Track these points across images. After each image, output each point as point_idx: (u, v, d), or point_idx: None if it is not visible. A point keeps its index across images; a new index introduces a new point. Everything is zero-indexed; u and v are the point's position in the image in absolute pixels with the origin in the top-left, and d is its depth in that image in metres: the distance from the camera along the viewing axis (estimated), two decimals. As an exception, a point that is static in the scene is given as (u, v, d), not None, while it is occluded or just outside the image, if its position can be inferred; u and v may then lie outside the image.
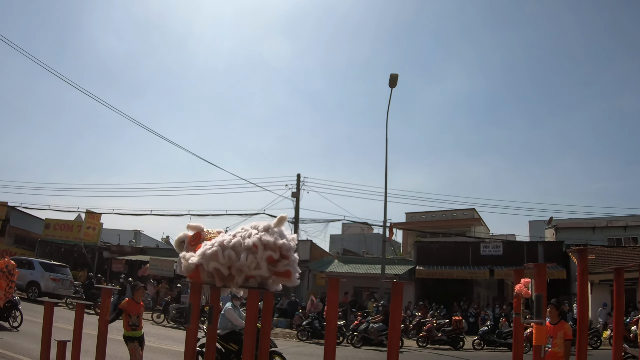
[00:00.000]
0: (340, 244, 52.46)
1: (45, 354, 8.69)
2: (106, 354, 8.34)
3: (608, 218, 39.21)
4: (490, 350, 21.18)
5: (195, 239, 7.36)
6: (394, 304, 6.47)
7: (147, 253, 43.04)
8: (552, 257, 31.56)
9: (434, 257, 35.31)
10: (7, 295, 14.51)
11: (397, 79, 26.79)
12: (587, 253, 7.84)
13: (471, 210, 47.85)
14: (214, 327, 7.25)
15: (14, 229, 44.12)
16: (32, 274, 27.65)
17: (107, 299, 8.63)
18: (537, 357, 6.51)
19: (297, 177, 34.65)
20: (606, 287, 26.21)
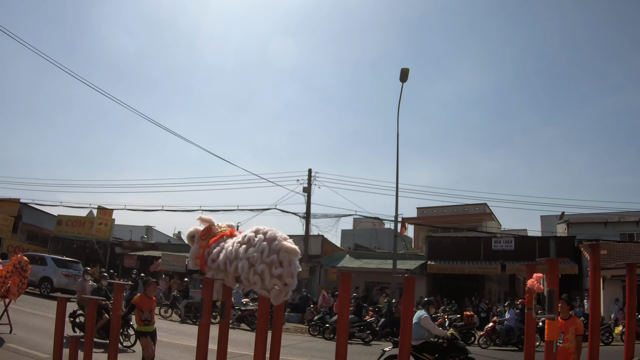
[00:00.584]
0: (352, 239, 52.44)
1: (58, 350, 8.72)
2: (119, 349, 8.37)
3: (620, 213, 38.96)
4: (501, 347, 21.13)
5: (206, 233, 7.35)
6: (405, 299, 6.45)
7: (159, 249, 43.15)
8: (564, 253, 31.44)
9: (446, 252, 35.25)
10: (20, 292, 14.57)
11: (408, 74, 26.73)
12: (600, 248, 7.80)
13: (483, 205, 47.70)
14: (226, 323, 7.25)
15: (26, 225, 44.38)
16: (45, 269, 27.80)
17: (119, 294, 8.66)
18: (548, 352, 6.50)
19: (308, 172, 34.68)
20: (618, 283, 26.10)
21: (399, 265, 29.90)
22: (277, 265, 6.25)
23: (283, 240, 6.51)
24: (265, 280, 6.20)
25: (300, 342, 19.03)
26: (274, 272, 6.22)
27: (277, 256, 6.29)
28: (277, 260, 6.28)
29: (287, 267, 6.30)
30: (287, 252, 6.39)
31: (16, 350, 12.10)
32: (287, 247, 6.40)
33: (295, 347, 17.32)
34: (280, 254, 6.33)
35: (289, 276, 6.32)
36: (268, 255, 6.29)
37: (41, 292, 27.17)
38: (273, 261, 6.27)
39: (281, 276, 6.26)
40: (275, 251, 6.35)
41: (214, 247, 7.08)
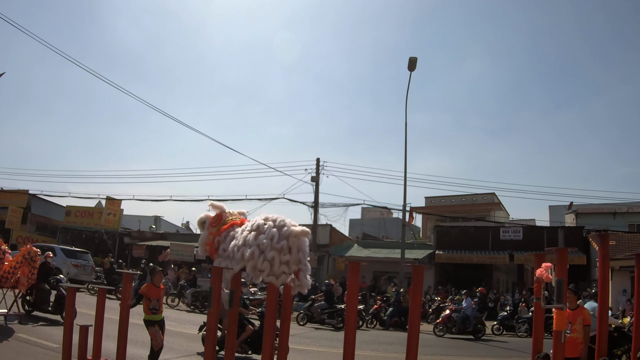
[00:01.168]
0: (360, 228, 52.44)
1: (68, 339, 8.77)
2: (128, 339, 8.40)
3: (629, 203, 38.84)
4: (509, 336, 21.14)
5: (217, 219, 7.36)
6: (414, 288, 6.47)
7: (168, 238, 43.28)
8: (572, 243, 31.35)
9: (454, 242, 35.23)
10: (30, 282, 14.64)
11: (416, 63, 26.62)
12: (609, 239, 7.79)
13: (491, 194, 47.59)
14: (235, 311, 7.29)
15: (35, 216, 44.64)
16: (54, 260, 27.90)
17: (128, 284, 8.69)
18: (557, 342, 6.50)
19: (316, 162, 34.67)
20: (626, 274, 25.99)
21: (407, 254, 29.88)
22: (286, 252, 6.28)
23: (292, 226, 6.54)
24: (274, 266, 6.23)
25: (309, 331, 19.08)
26: (283, 258, 6.25)
27: (286, 242, 6.32)
28: (287, 247, 6.31)
29: (295, 254, 6.33)
30: (297, 236, 6.41)
31: (26, 340, 12.18)
32: (296, 231, 6.43)
33: (303, 336, 17.37)
34: (290, 239, 6.36)
35: (295, 263, 6.35)
36: (278, 241, 6.32)
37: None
38: (283, 247, 6.30)
39: (288, 263, 6.29)
40: (285, 237, 6.38)
41: (224, 236, 7.10)
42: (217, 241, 7.13)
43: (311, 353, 13.31)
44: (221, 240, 7.11)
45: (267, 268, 6.28)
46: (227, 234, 7.10)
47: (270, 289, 6.78)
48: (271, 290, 6.73)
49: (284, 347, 6.76)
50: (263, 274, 6.37)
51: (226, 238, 7.08)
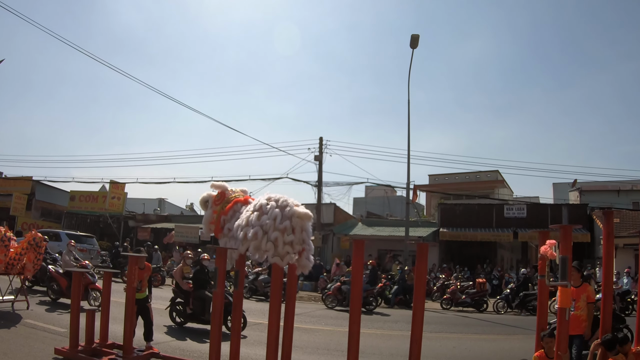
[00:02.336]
0: (364, 206, 52.42)
1: (75, 323, 8.83)
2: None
3: (633, 181, 38.73)
4: (514, 314, 21.19)
5: (220, 198, 7.36)
6: (418, 265, 6.49)
7: (172, 220, 43.37)
8: (576, 220, 31.30)
9: (458, 220, 35.23)
10: (36, 268, 14.67)
11: (419, 40, 26.49)
12: (613, 216, 7.79)
13: (495, 172, 47.51)
14: (240, 292, 7.32)
15: (40, 202, 44.81)
16: (59, 245, 28.03)
17: (133, 266, 8.73)
18: (561, 319, 6.52)
19: (319, 141, 34.55)
20: (630, 251, 26.05)
21: (411, 232, 29.92)
22: (289, 232, 6.28)
23: (295, 206, 6.53)
24: (278, 247, 6.23)
25: (314, 310, 19.16)
26: (287, 238, 6.25)
27: (289, 222, 6.32)
28: (290, 227, 6.31)
29: (298, 234, 6.33)
30: (300, 218, 6.41)
31: (34, 325, 12.23)
32: (299, 212, 6.42)
33: (308, 315, 17.44)
34: (293, 220, 6.36)
35: (299, 243, 6.35)
36: (281, 222, 6.31)
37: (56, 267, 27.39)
38: (286, 227, 6.29)
39: (292, 243, 6.29)
40: (288, 217, 6.37)
41: (230, 215, 7.10)
42: (223, 220, 7.13)
43: (317, 332, 13.37)
44: (227, 219, 7.12)
45: (271, 249, 6.29)
46: (232, 213, 7.10)
47: (274, 269, 6.80)
48: (275, 270, 6.74)
49: (290, 326, 6.79)
50: (268, 254, 6.38)
51: (232, 217, 7.09)
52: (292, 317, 6.92)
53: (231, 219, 7.07)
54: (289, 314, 6.85)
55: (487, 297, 22.62)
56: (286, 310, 6.78)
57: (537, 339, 7.57)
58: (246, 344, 10.93)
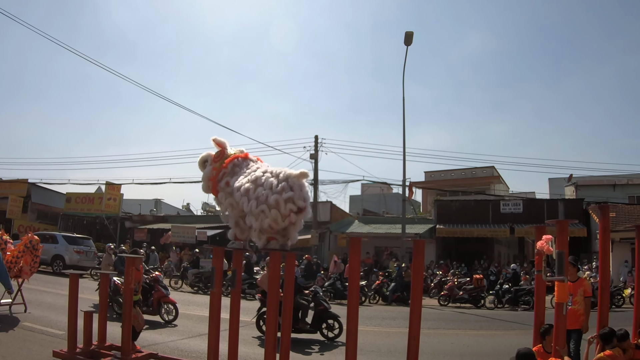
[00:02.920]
0: (360, 204, 52.44)
1: (73, 325, 8.82)
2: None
3: (629, 175, 38.79)
4: (510, 309, 21.24)
5: (219, 155, 7.29)
6: (415, 262, 6.50)
7: (169, 221, 43.37)
8: (572, 215, 31.33)
9: (454, 216, 35.30)
10: (33, 271, 14.64)
11: (413, 37, 26.50)
12: (609, 210, 7.80)
13: (490, 168, 47.56)
14: (237, 291, 7.31)
15: (35, 204, 44.64)
16: (56, 247, 28.03)
17: (130, 267, 8.72)
18: (559, 314, 6.53)
19: (315, 139, 34.58)
20: (627, 245, 26.07)
21: (408, 229, 29.94)
22: (287, 190, 6.25)
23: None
24: (280, 207, 6.19)
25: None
26: (285, 195, 6.21)
27: (286, 183, 6.30)
28: (288, 186, 6.28)
29: (298, 191, 6.29)
30: (296, 176, 6.40)
31: (31, 328, 12.22)
32: (294, 173, 6.42)
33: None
34: (290, 180, 6.34)
35: (300, 199, 6.29)
36: (277, 185, 6.30)
37: (54, 270, 27.44)
38: (284, 187, 6.26)
39: (292, 199, 6.24)
40: (284, 179, 6.36)
41: (231, 168, 7.05)
42: (223, 173, 7.05)
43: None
44: (227, 171, 7.04)
45: (275, 215, 6.24)
46: (232, 166, 7.04)
47: (272, 267, 6.80)
48: (274, 260, 6.74)
49: (288, 323, 6.79)
50: (269, 219, 6.31)
51: (232, 171, 7.03)
52: (289, 316, 6.91)
53: (231, 171, 7.01)
54: (287, 313, 6.84)
55: (484, 293, 22.65)
56: (284, 309, 6.77)
57: (535, 334, 7.59)
58: (244, 343, 10.93)
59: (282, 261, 7.00)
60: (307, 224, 27.31)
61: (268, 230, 6.37)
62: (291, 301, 7.02)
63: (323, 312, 13.07)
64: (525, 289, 21.63)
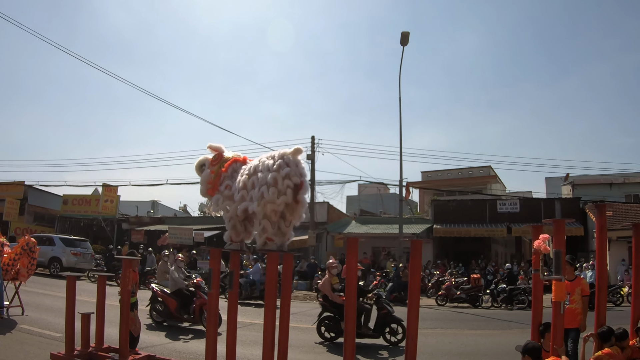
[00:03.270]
0: (357, 204, 52.48)
1: (70, 327, 8.80)
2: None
3: (625, 174, 38.85)
4: (508, 309, 21.26)
5: (217, 159, 7.28)
6: (413, 262, 6.50)
7: (166, 222, 43.28)
8: (569, 214, 31.44)
9: (451, 216, 35.31)
10: (30, 273, 14.60)
11: (409, 37, 26.50)
12: (606, 209, 7.81)
13: (487, 167, 47.63)
14: (235, 292, 7.30)
15: (32, 207, 44.60)
16: (53, 249, 28.02)
17: (127, 269, 8.70)
18: (556, 313, 6.53)
19: (311, 140, 34.56)
20: (624, 244, 26.11)
21: (405, 229, 29.94)
22: (283, 167, 6.25)
23: None
24: (278, 184, 6.19)
25: (310, 309, 19.13)
26: (282, 172, 6.21)
27: (282, 160, 6.30)
28: (284, 163, 6.28)
29: (293, 167, 6.28)
30: (291, 153, 6.40)
31: (29, 331, 12.20)
32: (289, 150, 6.43)
33: (304, 314, 17.42)
34: (285, 157, 6.34)
35: (296, 174, 6.28)
36: (274, 165, 6.31)
37: (51, 272, 27.44)
38: (280, 165, 6.26)
39: (288, 175, 6.24)
40: (280, 157, 6.37)
41: (230, 173, 7.04)
42: (223, 177, 7.04)
43: (312, 330, 13.36)
44: (227, 175, 7.02)
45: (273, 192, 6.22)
46: (232, 170, 7.03)
47: (269, 268, 6.80)
48: (270, 261, 6.74)
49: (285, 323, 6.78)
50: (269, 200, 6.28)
51: (232, 175, 7.02)
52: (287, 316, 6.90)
53: (231, 175, 7.00)
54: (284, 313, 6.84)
55: (482, 293, 22.68)
56: (281, 309, 6.76)
57: (532, 332, 7.59)
58: (242, 344, 10.93)
59: (279, 262, 7.00)
60: (304, 225, 27.30)
61: (272, 217, 6.35)
62: (288, 302, 7.01)
63: (386, 316, 12.87)
64: (520, 288, 21.72)
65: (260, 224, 6.44)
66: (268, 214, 6.30)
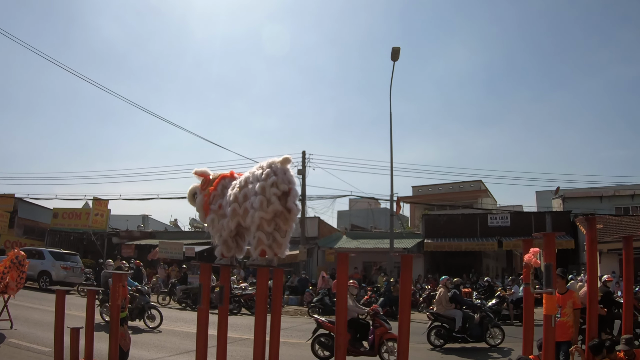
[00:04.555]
0: (348, 219, 52.49)
1: (59, 342, 8.73)
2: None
3: (615, 187, 39.09)
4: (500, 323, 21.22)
5: (205, 183, 7.27)
6: (403, 276, 6.48)
7: (156, 237, 43.14)
8: (560, 227, 31.52)
9: (442, 230, 35.33)
10: (19, 286, 14.51)
11: (399, 53, 26.63)
12: (596, 222, 7.83)
13: (478, 182, 47.77)
14: (225, 308, 7.25)
15: (22, 220, 44.33)
16: (43, 263, 27.83)
17: (117, 284, 8.65)
18: (547, 326, 6.53)
19: (302, 155, 34.58)
20: (615, 256, 26.19)
21: (396, 244, 29.94)
22: (271, 175, 6.24)
23: None
24: (266, 192, 6.17)
25: (300, 324, 19.08)
26: (269, 180, 6.20)
27: (270, 169, 6.31)
28: (271, 172, 6.28)
29: (281, 175, 6.27)
30: (279, 162, 6.39)
31: (17, 345, 12.11)
32: (277, 159, 6.44)
33: (295, 329, 17.37)
34: (273, 166, 6.34)
35: (283, 182, 6.27)
36: (262, 174, 6.31)
37: (40, 286, 27.21)
38: (267, 174, 6.26)
39: (275, 183, 6.23)
40: (268, 166, 6.37)
41: (220, 190, 7.02)
42: (213, 195, 7.02)
43: (303, 346, 13.31)
44: (217, 194, 7.01)
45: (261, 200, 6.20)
46: (221, 187, 7.01)
47: (259, 283, 6.77)
48: (261, 277, 6.71)
49: (276, 339, 6.75)
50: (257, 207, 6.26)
51: (222, 192, 7.00)
52: (277, 331, 6.87)
53: (221, 193, 6.98)
54: (275, 328, 6.80)
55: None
56: (272, 324, 6.73)
57: (524, 346, 7.59)
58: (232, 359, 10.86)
59: (269, 277, 6.96)
60: (295, 240, 27.26)
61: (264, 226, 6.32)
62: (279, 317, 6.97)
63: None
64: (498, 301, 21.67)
65: (255, 236, 6.41)
66: (260, 224, 6.27)
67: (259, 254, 6.44)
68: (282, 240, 6.50)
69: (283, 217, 6.39)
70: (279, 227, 6.42)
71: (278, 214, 6.29)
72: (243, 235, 6.92)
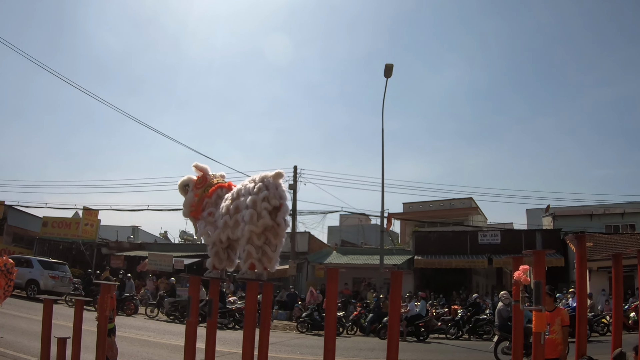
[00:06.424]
0: (339, 235, 52.46)
1: (46, 352, 8.68)
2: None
3: (605, 205, 39.23)
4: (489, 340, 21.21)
5: (202, 181, 7.24)
6: (393, 293, 6.46)
7: (146, 248, 42.89)
8: (550, 245, 31.57)
9: (432, 247, 35.35)
10: (6, 295, 14.41)
11: (392, 69, 26.73)
12: (586, 240, 7.86)
13: (469, 199, 47.88)
14: (214, 321, 7.22)
15: (11, 227, 44.01)
16: (31, 272, 27.64)
17: (105, 294, 8.61)
18: (537, 344, 6.53)
19: (293, 169, 34.59)
20: (604, 274, 26.28)
21: (386, 260, 29.94)
22: (263, 190, 6.24)
23: None
24: (257, 206, 6.16)
25: (289, 339, 19.04)
26: (261, 195, 6.20)
27: (262, 183, 6.31)
28: (263, 186, 6.28)
29: (272, 190, 6.28)
30: (272, 177, 6.40)
31: (4, 353, 12.02)
32: (269, 174, 6.44)
33: (283, 344, 17.32)
34: (265, 180, 6.35)
35: (275, 197, 6.27)
36: (254, 188, 6.32)
37: (28, 294, 27.00)
38: (259, 188, 6.26)
39: (267, 198, 6.22)
40: (260, 180, 6.37)
41: (214, 199, 7.00)
42: (206, 202, 7.01)
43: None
44: (210, 202, 7.00)
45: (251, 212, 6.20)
46: (216, 197, 7.00)
47: (249, 297, 6.74)
48: (250, 291, 6.69)
49: (264, 353, 6.72)
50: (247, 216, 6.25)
51: (216, 202, 6.99)
52: (266, 346, 6.84)
53: (215, 202, 6.97)
54: (263, 343, 6.77)
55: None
56: (260, 339, 6.70)
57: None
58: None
59: (259, 291, 6.93)
60: (284, 254, 27.22)
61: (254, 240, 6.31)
62: (268, 332, 6.95)
63: None
64: (485, 319, 21.68)
65: (245, 249, 6.40)
66: (249, 237, 6.27)
67: (248, 267, 6.43)
68: (273, 255, 6.49)
69: (273, 231, 6.39)
70: (269, 241, 6.42)
71: (268, 228, 6.30)
72: (234, 248, 6.91)
